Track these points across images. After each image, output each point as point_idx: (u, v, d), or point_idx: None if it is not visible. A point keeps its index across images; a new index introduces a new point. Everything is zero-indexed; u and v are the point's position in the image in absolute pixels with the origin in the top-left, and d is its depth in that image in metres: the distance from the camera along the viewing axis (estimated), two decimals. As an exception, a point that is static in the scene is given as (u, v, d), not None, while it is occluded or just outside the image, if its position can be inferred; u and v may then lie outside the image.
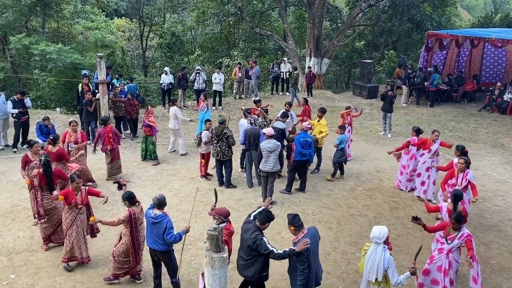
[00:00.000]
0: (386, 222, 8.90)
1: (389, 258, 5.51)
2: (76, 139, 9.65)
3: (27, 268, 7.08)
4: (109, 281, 6.76)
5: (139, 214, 6.49)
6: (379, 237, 5.51)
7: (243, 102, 17.66)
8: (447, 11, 26.57)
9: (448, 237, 6.31)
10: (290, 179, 9.99)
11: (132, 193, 6.52)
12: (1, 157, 11.74)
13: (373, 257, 5.55)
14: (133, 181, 10.42)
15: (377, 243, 5.56)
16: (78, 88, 13.29)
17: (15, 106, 11.82)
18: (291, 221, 5.50)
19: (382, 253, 5.51)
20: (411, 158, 10.11)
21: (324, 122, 11.10)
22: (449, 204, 6.86)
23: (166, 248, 6.22)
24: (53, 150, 8.74)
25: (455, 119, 16.91)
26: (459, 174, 8.04)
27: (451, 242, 6.25)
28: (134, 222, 6.42)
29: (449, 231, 6.32)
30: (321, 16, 20.74)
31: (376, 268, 5.51)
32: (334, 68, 28.04)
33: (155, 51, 29.20)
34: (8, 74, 19.37)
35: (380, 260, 5.49)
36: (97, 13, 28.79)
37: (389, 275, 5.51)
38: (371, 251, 5.61)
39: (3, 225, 8.35)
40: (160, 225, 6.10)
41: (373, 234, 5.58)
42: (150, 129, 11.22)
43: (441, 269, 6.41)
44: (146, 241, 6.42)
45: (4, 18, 18.81)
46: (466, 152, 8.64)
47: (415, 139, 9.98)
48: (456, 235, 6.22)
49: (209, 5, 24.79)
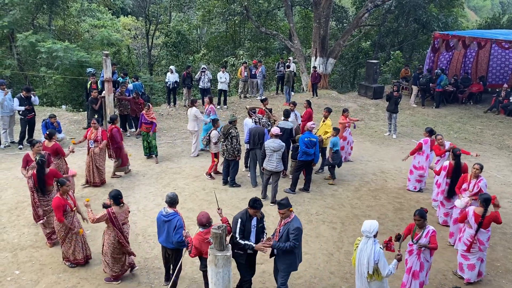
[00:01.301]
0: (390, 223, 8.88)
1: (379, 251, 5.58)
2: (96, 137, 9.70)
3: (32, 264, 7.12)
4: (110, 281, 6.77)
5: (120, 214, 6.45)
6: (370, 231, 5.60)
7: (248, 101, 17.67)
8: (453, 11, 26.42)
9: (414, 238, 6.27)
10: (294, 178, 9.99)
11: (120, 193, 6.49)
12: (7, 153, 11.81)
13: (364, 250, 5.64)
14: (138, 179, 10.45)
15: (367, 237, 5.64)
16: (87, 85, 13.36)
17: (21, 103, 11.89)
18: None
19: (373, 246, 5.59)
20: (426, 159, 10.03)
21: (330, 122, 11.04)
22: (477, 208, 6.77)
23: (177, 247, 6.24)
24: (49, 145, 8.77)
25: (461, 120, 16.82)
26: (471, 180, 7.83)
27: (417, 241, 6.22)
28: (115, 220, 6.37)
29: (414, 231, 6.29)
30: (327, 16, 20.69)
31: (367, 261, 5.59)
32: (339, 68, 27.97)
33: (161, 50, 29.26)
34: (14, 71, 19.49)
35: (370, 253, 5.57)
36: (103, 11, 28.92)
37: (380, 268, 5.58)
38: (362, 244, 5.70)
39: (8, 221, 8.40)
40: (170, 223, 6.12)
41: (364, 228, 5.66)
42: (150, 126, 11.24)
43: (409, 271, 6.38)
44: (158, 238, 6.43)
45: (11, 16, 18.92)
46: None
47: (427, 140, 9.91)
48: (422, 233, 6.19)
49: (215, 4, 24.81)
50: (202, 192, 9.91)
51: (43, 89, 19.98)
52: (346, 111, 11.89)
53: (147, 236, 8.05)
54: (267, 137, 9.74)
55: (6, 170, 10.70)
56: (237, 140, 9.83)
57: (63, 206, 6.67)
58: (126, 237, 6.59)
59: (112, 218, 6.35)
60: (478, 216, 6.69)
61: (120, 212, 6.47)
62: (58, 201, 6.67)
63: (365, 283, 5.74)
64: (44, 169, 7.39)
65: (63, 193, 6.79)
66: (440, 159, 9.50)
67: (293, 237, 5.83)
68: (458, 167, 8.44)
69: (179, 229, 6.07)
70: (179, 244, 6.13)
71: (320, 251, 7.82)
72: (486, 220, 6.66)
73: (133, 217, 8.63)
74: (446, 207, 8.71)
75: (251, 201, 5.97)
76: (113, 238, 6.48)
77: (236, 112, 16.51)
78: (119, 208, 6.47)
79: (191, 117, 11.77)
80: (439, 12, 24.71)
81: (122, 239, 6.51)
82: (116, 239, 6.49)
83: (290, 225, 5.90)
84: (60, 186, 6.79)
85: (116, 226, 6.40)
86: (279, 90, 19.51)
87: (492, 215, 6.72)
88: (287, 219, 5.96)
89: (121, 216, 6.48)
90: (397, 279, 6.82)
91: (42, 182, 7.38)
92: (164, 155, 12.05)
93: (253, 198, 6.02)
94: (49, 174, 7.49)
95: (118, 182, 10.22)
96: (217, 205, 6.40)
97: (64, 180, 6.91)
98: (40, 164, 7.30)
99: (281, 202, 6.02)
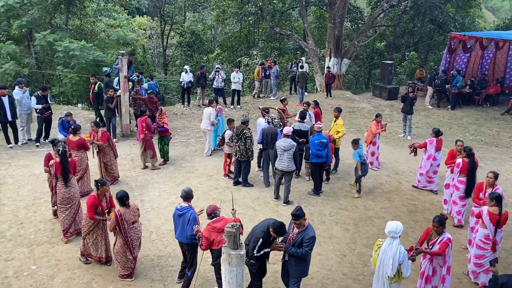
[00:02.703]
0: (404, 225, 8.70)
1: (404, 253, 5.54)
2: (98, 139, 9.83)
3: (48, 260, 7.24)
4: (123, 278, 6.86)
5: (126, 214, 6.51)
6: (396, 231, 5.56)
7: (261, 101, 17.68)
8: (471, 12, 26.05)
9: (429, 242, 6.20)
10: (315, 182, 9.90)
11: (126, 194, 6.55)
12: (24, 151, 12.02)
13: (389, 251, 5.57)
14: (152, 178, 10.54)
15: (393, 237, 5.58)
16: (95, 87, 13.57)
17: (38, 101, 12.09)
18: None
19: (398, 247, 5.53)
20: (428, 158, 9.99)
21: (341, 122, 10.98)
22: (490, 208, 6.66)
23: (190, 241, 6.31)
24: (74, 139, 9.08)
25: (477, 122, 16.59)
26: (487, 189, 7.61)
27: (432, 247, 6.15)
28: (121, 223, 6.45)
29: (431, 236, 6.23)
30: (342, 16, 20.59)
31: (392, 263, 5.53)
32: (354, 68, 27.79)
33: (175, 50, 29.44)
34: (32, 70, 19.80)
35: (395, 254, 5.52)
36: (119, 11, 29.21)
37: (403, 269, 5.54)
38: (386, 245, 5.63)
39: (25, 217, 8.55)
40: (184, 217, 6.24)
41: (389, 229, 5.61)
42: (164, 130, 11.21)
43: (422, 276, 6.32)
44: (175, 234, 6.52)
45: (29, 15, 19.23)
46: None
47: (433, 141, 9.87)
48: (437, 240, 6.12)
49: (229, 4, 24.87)
50: (215, 191, 9.95)
51: (59, 88, 20.24)
52: (379, 116, 11.44)
53: (161, 234, 8.12)
54: (279, 137, 9.74)
55: (23, 167, 10.89)
56: (251, 140, 9.84)
57: (96, 206, 6.83)
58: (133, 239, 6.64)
59: (119, 221, 6.44)
60: (494, 215, 6.56)
61: (128, 211, 6.54)
62: (93, 200, 6.80)
63: (387, 285, 5.70)
64: (67, 158, 7.72)
65: (101, 193, 6.91)
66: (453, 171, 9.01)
67: (306, 246, 5.79)
68: (473, 165, 8.38)
69: (193, 221, 6.17)
70: (192, 237, 6.20)
71: (333, 252, 7.79)
72: (502, 219, 6.57)
73: (147, 215, 8.72)
74: (458, 205, 8.64)
75: (278, 227, 5.76)
76: (122, 240, 6.61)
77: (249, 112, 16.53)
78: (126, 208, 6.55)
79: (206, 116, 11.82)
80: (455, 13, 24.39)
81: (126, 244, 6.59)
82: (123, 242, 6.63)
83: (305, 233, 5.82)
84: (100, 186, 6.88)
85: (121, 230, 6.49)
86: (292, 90, 19.49)
87: (506, 213, 6.65)
88: (302, 227, 5.89)
89: (130, 216, 6.55)
90: (411, 282, 6.77)
91: (65, 170, 7.62)
92: (178, 154, 12.12)
93: (280, 224, 5.78)
94: (70, 163, 7.78)
95: (132, 180, 10.33)
96: (232, 206, 6.44)
97: (105, 181, 7.12)
98: (63, 153, 7.61)
99: (296, 213, 5.84)
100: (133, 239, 6.64)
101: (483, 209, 6.76)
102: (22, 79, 12.82)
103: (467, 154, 8.48)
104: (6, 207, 8.89)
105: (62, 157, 7.61)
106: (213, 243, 5.93)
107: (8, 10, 18.80)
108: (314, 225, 8.55)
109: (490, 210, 6.63)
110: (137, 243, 6.73)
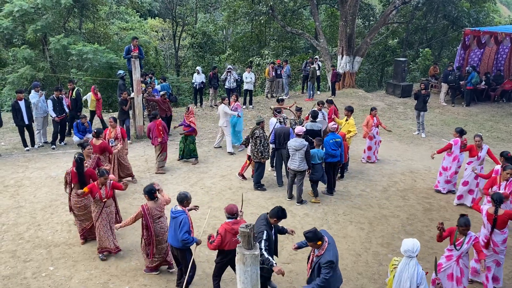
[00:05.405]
0: (419, 224, 8.72)
1: (423, 274, 5.19)
2: (116, 135, 9.93)
3: (65, 261, 7.35)
4: (149, 271, 6.98)
5: (154, 208, 6.59)
6: (413, 250, 5.19)
7: (273, 101, 17.65)
8: (485, 7, 25.65)
9: (456, 243, 6.07)
10: (328, 181, 9.83)
11: (153, 188, 6.62)
12: (40, 153, 12.21)
13: (405, 272, 5.22)
14: (166, 178, 10.61)
15: (410, 257, 5.24)
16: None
17: (54, 104, 12.27)
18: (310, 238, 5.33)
19: (415, 267, 5.19)
20: (453, 160, 9.72)
21: (353, 122, 10.91)
22: (490, 208, 6.55)
23: (181, 245, 6.22)
24: (97, 143, 9.08)
25: (493, 119, 16.33)
26: (501, 182, 7.48)
27: (460, 247, 6.02)
28: (148, 216, 6.54)
29: (456, 236, 6.07)
30: (354, 13, 20.45)
31: (409, 285, 5.20)
32: (366, 66, 27.60)
33: (187, 51, 29.58)
34: (47, 74, 20.08)
35: (413, 275, 5.17)
36: (131, 13, 29.42)
37: None
38: (402, 265, 5.29)
39: (42, 219, 8.69)
40: (176, 220, 6.18)
41: (406, 248, 5.22)
42: (188, 129, 11.22)
43: (452, 277, 6.15)
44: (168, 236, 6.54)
45: (44, 20, 19.51)
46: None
47: (458, 141, 9.60)
48: (464, 240, 6.00)
49: (240, 4, 24.90)
50: (229, 191, 9.97)
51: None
52: (374, 110, 11.66)
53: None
54: (292, 136, 9.71)
55: (40, 170, 11.06)
56: (261, 141, 9.77)
57: (94, 193, 7.05)
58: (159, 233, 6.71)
59: (146, 214, 6.52)
60: (490, 215, 6.45)
61: (155, 206, 6.60)
62: (92, 186, 7.09)
63: None
64: (83, 166, 7.59)
65: (100, 183, 7.11)
66: (474, 161, 9.20)
67: (324, 272, 5.22)
68: None
69: (183, 226, 6.06)
70: (184, 242, 6.10)
71: (348, 252, 7.75)
72: (499, 219, 6.40)
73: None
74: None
75: (280, 212, 5.77)
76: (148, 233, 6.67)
77: (262, 112, 16.53)
78: (154, 202, 6.60)
79: (221, 113, 12.04)
80: (470, 8, 24.04)
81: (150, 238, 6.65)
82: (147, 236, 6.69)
83: (322, 258, 5.28)
84: (99, 176, 7.11)
85: (147, 222, 6.55)
86: (304, 90, 19.42)
87: (506, 213, 6.46)
88: (320, 250, 5.34)
89: (156, 211, 6.62)
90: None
91: (82, 178, 7.49)
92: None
93: (280, 208, 5.80)
94: (86, 172, 7.65)
95: (146, 181, 10.37)
96: (241, 207, 6.41)
97: (104, 171, 7.21)
98: (79, 161, 7.51)
99: (307, 235, 5.35)
100: (158, 234, 6.72)
101: (483, 208, 6.69)
102: (38, 83, 13.02)
103: (504, 159, 8.06)
104: (23, 209, 9.04)
105: (78, 165, 7.47)
106: (226, 244, 5.92)
107: (23, 15, 19.08)
108: (328, 225, 8.54)
109: (489, 210, 6.52)
110: (162, 237, 6.78)
